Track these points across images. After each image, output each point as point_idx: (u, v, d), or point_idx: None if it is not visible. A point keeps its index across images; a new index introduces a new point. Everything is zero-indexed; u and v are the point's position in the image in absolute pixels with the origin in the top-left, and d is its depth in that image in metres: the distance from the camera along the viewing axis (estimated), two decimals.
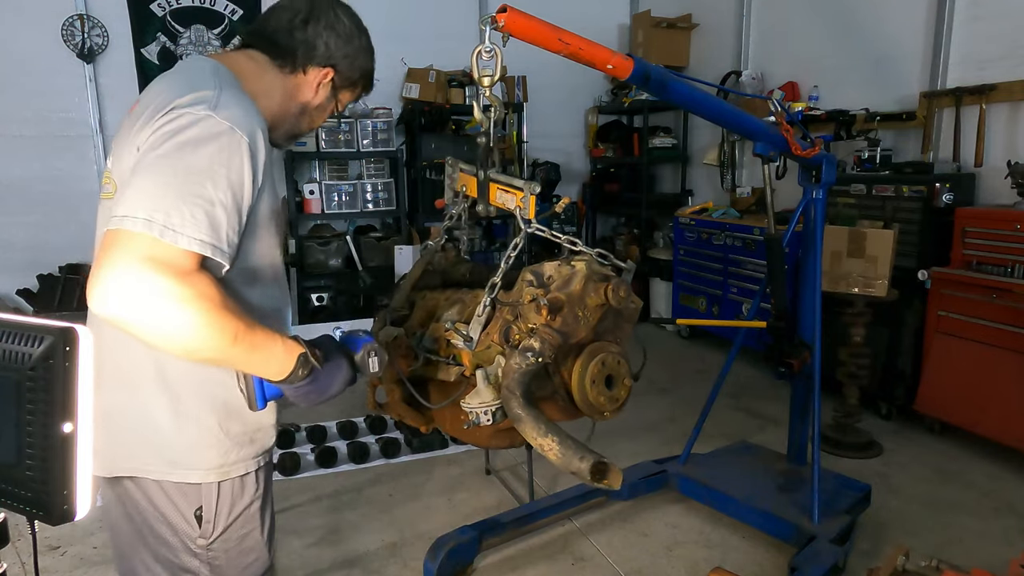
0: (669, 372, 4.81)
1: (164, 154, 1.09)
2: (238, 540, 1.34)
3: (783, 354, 2.79)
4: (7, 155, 5.02)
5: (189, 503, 1.28)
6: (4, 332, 0.96)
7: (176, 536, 1.29)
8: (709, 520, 2.94)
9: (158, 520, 1.29)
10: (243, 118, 1.16)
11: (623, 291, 1.36)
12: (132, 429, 1.25)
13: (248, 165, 1.15)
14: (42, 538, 2.77)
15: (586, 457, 1.20)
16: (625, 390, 1.40)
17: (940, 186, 3.69)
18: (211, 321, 1.06)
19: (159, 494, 1.28)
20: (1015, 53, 3.75)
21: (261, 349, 1.13)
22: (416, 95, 5.77)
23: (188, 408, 1.24)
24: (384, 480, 3.34)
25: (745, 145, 5.61)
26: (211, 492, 1.29)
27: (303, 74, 1.36)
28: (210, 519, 1.29)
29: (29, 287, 4.98)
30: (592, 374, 1.35)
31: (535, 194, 1.44)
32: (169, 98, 1.15)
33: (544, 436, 1.23)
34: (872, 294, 3.52)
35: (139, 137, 1.15)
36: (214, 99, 1.14)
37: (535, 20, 1.61)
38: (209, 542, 1.30)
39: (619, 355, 1.40)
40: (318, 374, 1.20)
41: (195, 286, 1.05)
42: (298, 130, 1.44)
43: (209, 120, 1.12)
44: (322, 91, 1.39)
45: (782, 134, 2.51)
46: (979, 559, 2.53)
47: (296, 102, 1.38)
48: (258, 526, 1.37)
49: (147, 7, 5.24)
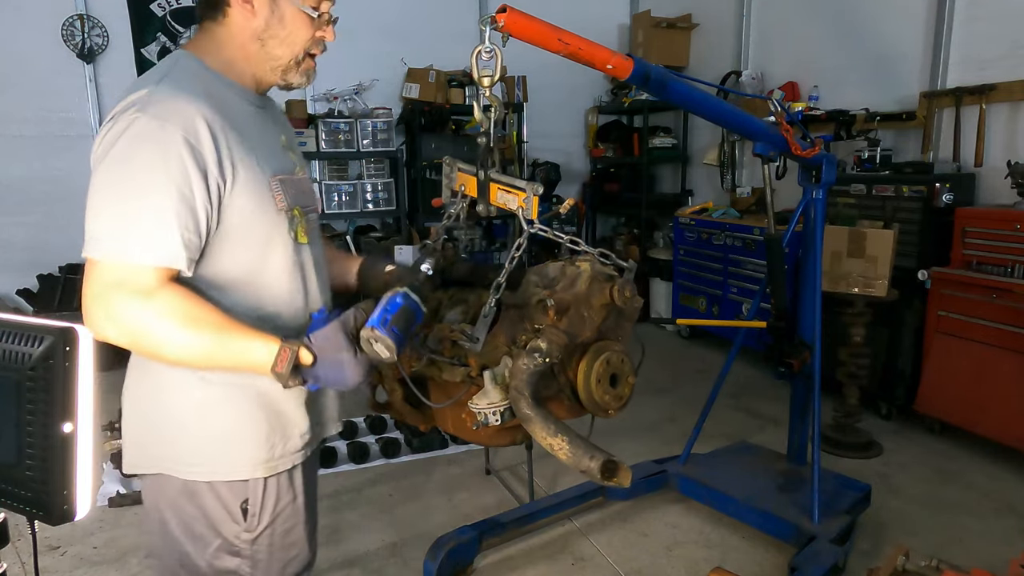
0: (669, 372, 4.81)
1: (105, 170, 1.10)
2: (282, 535, 1.32)
3: (783, 354, 2.79)
4: (7, 155, 5.02)
5: (235, 496, 1.26)
6: (4, 332, 0.96)
7: (217, 535, 1.27)
8: (709, 520, 2.94)
9: (197, 519, 1.26)
10: (175, 110, 1.11)
11: (628, 291, 1.37)
12: (180, 426, 1.24)
13: (190, 158, 1.10)
14: (42, 538, 2.77)
15: (596, 456, 1.20)
16: (629, 388, 1.41)
17: (940, 186, 3.69)
18: (175, 339, 1.09)
19: (206, 491, 1.25)
20: (1015, 53, 3.74)
21: (240, 359, 1.13)
22: (416, 95, 5.77)
23: (236, 404, 1.24)
24: (384, 480, 3.34)
25: (745, 145, 5.61)
26: (258, 486, 1.27)
27: (229, 7, 1.24)
28: (255, 512, 1.28)
29: (29, 287, 4.98)
30: (597, 373, 1.36)
31: (538, 195, 1.44)
32: (116, 107, 1.15)
33: (554, 436, 1.24)
34: (872, 294, 3.52)
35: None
36: (146, 97, 1.12)
37: (535, 20, 1.61)
38: (254, 536, 1.28)
39: (623, 353, 1.40)
40: (318, 375, 1.16)
41: (156, 305, 1.08)
42: (283, 60, 1.29)
43: (138, 122, 1.10)
44: (258, 4, 1.24)
45: (782, 134, 2.51)
46: (979, 559, 2.53)
47: (248, 38, 1.26)
48: (302, 520, 1.36)
49: (147, 7, 5.24)
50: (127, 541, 2.83)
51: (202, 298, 1.14)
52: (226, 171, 1.16)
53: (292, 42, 1.28)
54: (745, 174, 5.75)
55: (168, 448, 1.25)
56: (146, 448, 1.28)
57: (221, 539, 1.27)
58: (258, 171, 1.22)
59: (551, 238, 1.49)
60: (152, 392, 1.26)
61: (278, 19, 1.26)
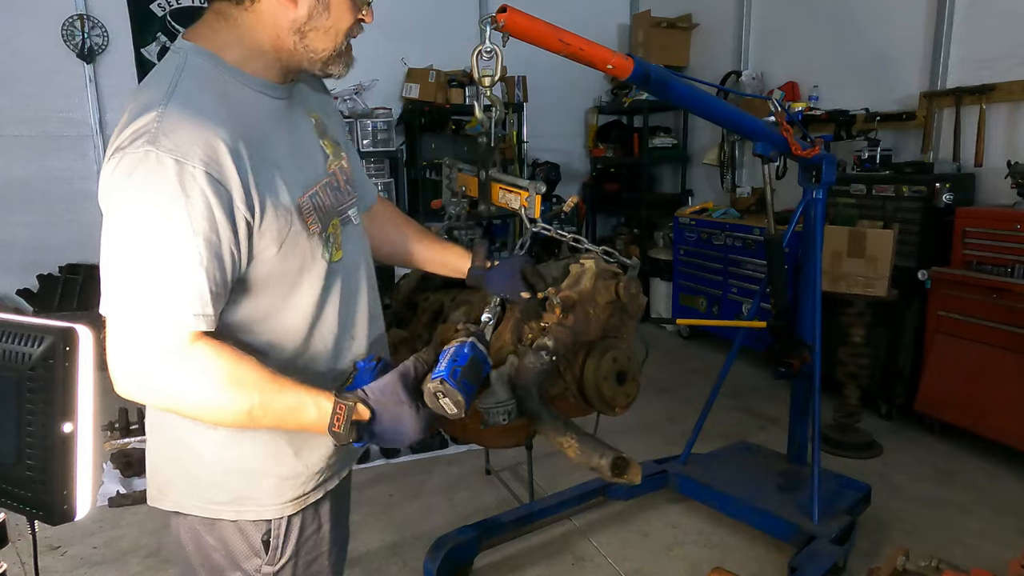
0: (669, 372, 4.81)
1: (119, 217, 0.97)
2: (305, 566, 1.24)
3: (783, 354, 2.79)
4: (7, 155, 5.03)
5: (257, 529, 1.18)
6: (4, 332, 0.96)
7: (237, 568, 1.19)
8: (709, 520, 2.94)
9: (216, 549, 1.19)
10: (192, 139, 0.97)
11: (634, 288, 1.38)
12: (204, 464, 1.15)
13: (214, 196, 0.97)
14: (42, 538, 2.77)
15: (606, 454, 1.19)
16: (635, 385, 1.42)
17: (940, 186, 3.69)
18: (214, 402, 1.00)
19: (230, 528, 1.18)
20: (1015, 53, 3.74)
21: (289, 418, 1.04)
22: (416, 95, 5.77)
23: (262, 440, 1.14)
24: (384, 480, 3.34)
25: (745, 145, 5.61)
26: (282, 521, 1.19)
27: None
28: (278, 546, 1.19)
29: (29, 287, 4.98)
30: (605, 370, 1.37)
31: (540, 193, 1.45)
32: (120, 127, 1.01)
33: (563, 435, 1.24)
34: (872, 294, 3.52)
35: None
36: (155, 124, 0.97)
37: (535, 20, 1.61)
38: (275, 570, 1.20)
39: (629, 351, 1.41)
40: (374, 432, 1.07)
41: (189, 367, 0.99)
42: (325, 53, 1.14)
43: (151, 158, 0.95)
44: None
45: (782, 134, 2.51)
46: (979, 559, 2.53)
47: (284, 30, 1.09)
48: (326, 550, 1.27)
49: (147, 7, 5.24)
50: (127, 541, 2.84)
51: (238, 351, 1.03)
52: (253, 203, 1.02)
53: (336, 31, 1.12)
54: (745, 174, 5.75)
55: (192, 486, 1.17)
56: (170, 484, 1.19)
57: (240, 572, 1.19)
58: (286, 199, 1.07)
59: (554, 237, 1.49)
60: (174, 428, 1.15)
61: (323, 7, 1.09)
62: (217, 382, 0.99)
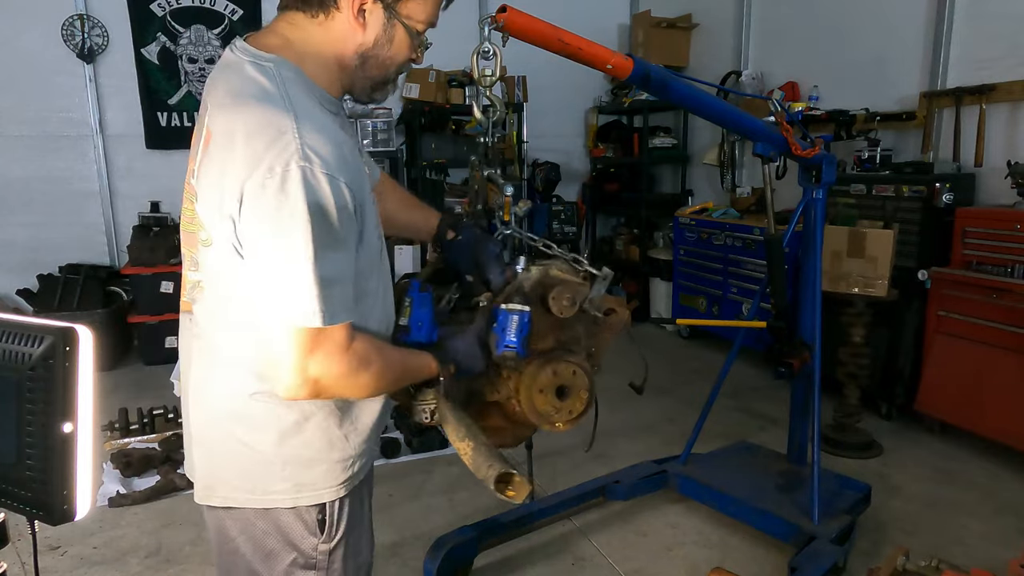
0: (669, 372, 4.81)
1: (284, 229, 1.00)
2: (354, 543, 1.31)
3: (783, 354, 2.79)
4: (7, 155, 5.03)
5: (311, 511, 1.23)
6: (4, 332, 0.96)
7: (293, 549, 1.23)
8: (709, 520, 2.94)
9: (270, 534, 1.22)
10: (334, 153, 1.04)
11: (565, 299, 1.32)
12: (259, 461, 1.19)
13: (352, 205, 1.06)
14: (42, 538, 2.78)
15: (494, 466, 1.18)
16: (580, 402, 1.36)
17: (940, 186, 3.69)
18: (378, 380, 1.16)
19: (285, 514, 1.22)
20: (1015, 53, 3.74)
21: (414, 374, 1.26)
22: (416, 95, 5.78)
23: (317, 426, 1.19)
24: (384, 480, 3.34)
25: (745, 145, 5.61)
26: (335, 502, 1.25)
27: (337, 11, 1.12)
28: (333, 523, 1.25)
29: (29, 287, 4.98)
30: (541, 382, 1.33)
31: (508, 195, 1.45)
32: (251, 146, 1.02)
33: (462, 440, 1.24)
34: (872, 294, 3.52)
35: (228, 185, 1.03)
36: (297, 140, 1.01)
37: (535, 20, 1.61)
38: (331, 547, 1.25)
39: (576, 365, 1.36)
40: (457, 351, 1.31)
41: (357, 358, 1.10)
42: (376, 80, 1.22)
43: (308, 175, 1.00)
44: (372, 20, 1.14)
45: (782, 134, 2.51)
46: (979, 559, 2.53)
47: (350, 51, 1.15)
48: (368, 526, 1.36)
49: (147, 7, 5.24)
50: (127, 541, 2.84)
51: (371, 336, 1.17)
52: (361, 203, 1.11)
53: (391, 64, 1.20)
54: (745, 174, 5.75)
55: (246, 480, 1.20)
56: (221, 481, 1.22)
57: (297, 553, 1.23)
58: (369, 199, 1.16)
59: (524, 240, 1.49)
60: (228, 427, 1.19)
61: (388, 39, 1.17)
62: (378, 367, 1.14)
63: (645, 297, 6.13)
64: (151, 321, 4.92)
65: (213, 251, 1.11)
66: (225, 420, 1.19)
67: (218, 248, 1.09)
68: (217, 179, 1.05)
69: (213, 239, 1.10)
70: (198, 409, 1.23)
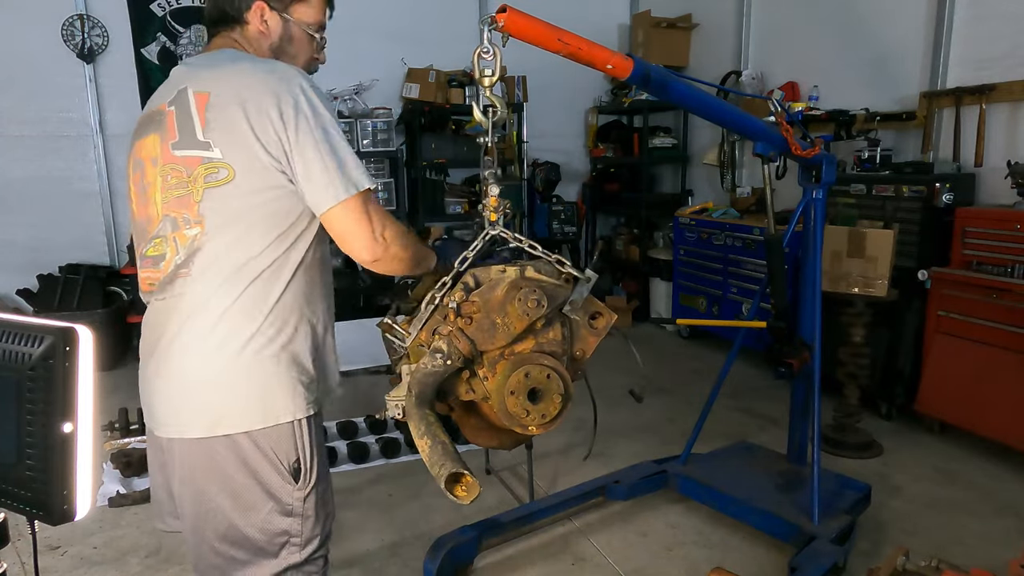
0: (669, 372, 4.81)
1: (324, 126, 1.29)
2: (322, 492, 1.44)
3: (783, 354, 2.79)
4: (7, 155, 5.03)
5: (286, 456, 1.36)
6: (4, 332, 0.96)
7: (271, 498, 1.36)
8: (709, 520, 2.94)
9: (249, 488, 1.35)
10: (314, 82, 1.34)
11: (531, 301, 1.30)
12: (220, 387, 1.32)
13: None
14: (42, 538, 2.78)
15: (446, 465, 1.19)
16: (554, 406, 1.35)
17: (940, 186, 3.69)
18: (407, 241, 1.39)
19: (258, 457, 1.34)
20: (1015, 53, 3.74)
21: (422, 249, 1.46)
22: (416, 95, 5.78)
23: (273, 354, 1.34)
24: (384, 480, 3.34)
25: (745, 145, 5.61)
26: (304, 436, 1.38)
27: (247, 23, 1.43)
28: (306, 470, 1.39)
29: (29, 287, 4.98)
30: (512, 384, 1.32)
31: (494, 195, 1.45)
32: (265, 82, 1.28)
33: (421, 437, 1.26)
34: (872, 294, 3.52)
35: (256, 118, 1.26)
36: (295, 70, 1.33)
37: (535, 20, 1.61)
38: (306, 494, 1.39)
39: (551, 369, 1.34)
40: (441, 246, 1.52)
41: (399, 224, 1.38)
42: None
43: (317, 92, 1.31)
44: (272, 24, 1.44)
45: (782, 134, 2.51)
46: (979, 559, 2.53)
47: (266, 51, 1.45)
48: (328, 478, 1.49)
49: (147, 7, 5.24)
50: (127, 541, 2.84)
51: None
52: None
53: (298, 60, 1.47)
54: (745, 174, 5.75)
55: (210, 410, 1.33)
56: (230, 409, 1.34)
57: (274, 502, 1.36)
58: None
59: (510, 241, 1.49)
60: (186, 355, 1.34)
61: (287, 37, 1.47)
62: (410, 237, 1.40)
63: (645, 297, 6.13)
64: None
65: (234, 185, 1.28)
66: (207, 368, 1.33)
67: (242, 179, 1.28)
68: (241, 120, 1.26)
69: (237, 172, 1.28)
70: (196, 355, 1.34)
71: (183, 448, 1.36)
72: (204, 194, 1.29)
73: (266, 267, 1.32)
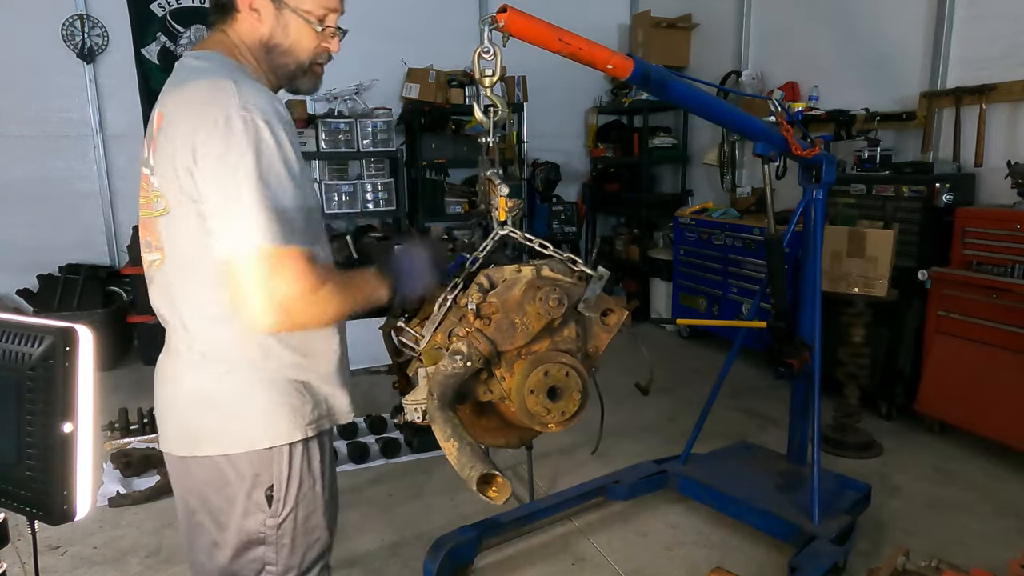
0: (669, 372, 4.81)
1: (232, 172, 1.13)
2: (304, 520, 1.37)
3: (783, 354, 2.79)
4: (7, 155, 5.03)
5: (261, 482, 1.31)
6: (4, 332, 0.96)
7: (243, 525, 1.33)
8: (709, 520, 2.94)
9: (222, 510, 1.33)
10: (271, 105, 1.18)
11: (552, 300, 1.30)
12: (198, 408, 1.29)
13: (288, 145, 1.19)
14: (42, 538, 2.78)
15: (476, 467, 1.18)
16: (573, 404, 1.36)
17: (940, 186, 3.69)
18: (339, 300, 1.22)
19: (233, 479, 1.31)
20: (1015, 53, 3.74)
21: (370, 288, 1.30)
22: (416, 95, 5.77)
23: (262, 376, 1.28)
24: (384, 480, 3.34)
25: (745, 145, 5.61)
26: (282, 472, 1.32)
27: (237, 12, 1.30)
28: (280, 498, 1.33)
29: (29, 287, 4.98)
30: (532, 383, 1.33)
31: (503, 195, 1.45)
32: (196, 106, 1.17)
33: (447, 440, 1.24)
34: (872, 294, 3.52)
35: (179, 145, 1.16)
36: (236, 95, 1.15)
37: (535, 20, 1.61)
38: (279, 522, 1.34)
39: (569, 366, 1.35)
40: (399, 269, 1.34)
41: (320, 278, 1.18)
42: (288, 68, 1.36)
43: (255, 119, 1.15)
44: (264, 14, 1.29)
45: (782, 134, 2.51)
46: (979, 559, 2.53)
47: (256, 44, 1.32)
48: (321, 506, 1.41)
49: (147, 7, 5.24)
50: (127, 541, 2.84)
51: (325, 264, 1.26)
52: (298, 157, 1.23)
53: (297, 52, 1.33)
54: (745, 174, 5.75)
55: (189, 430, 1.31)
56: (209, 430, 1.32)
57: (246, 529, 1.33)
58: (307, 169, 1.28)
59: (520, 240, 1.48)
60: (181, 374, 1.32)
61: (282, 28, 1.30)
62: (336, 281, 1.21)
63: (645, 297, 6.13)
64: (151, 321, 4.89)
65: (169, 219, 1.23)
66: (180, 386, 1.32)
67: (176, 212, 1.21)
68: (170, 146, 1.18)
69: (171, 205, 1.21)
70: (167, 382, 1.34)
71: (171, 462, 1.38)
72: (157, 221, 1.26)
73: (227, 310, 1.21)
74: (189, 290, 1.26)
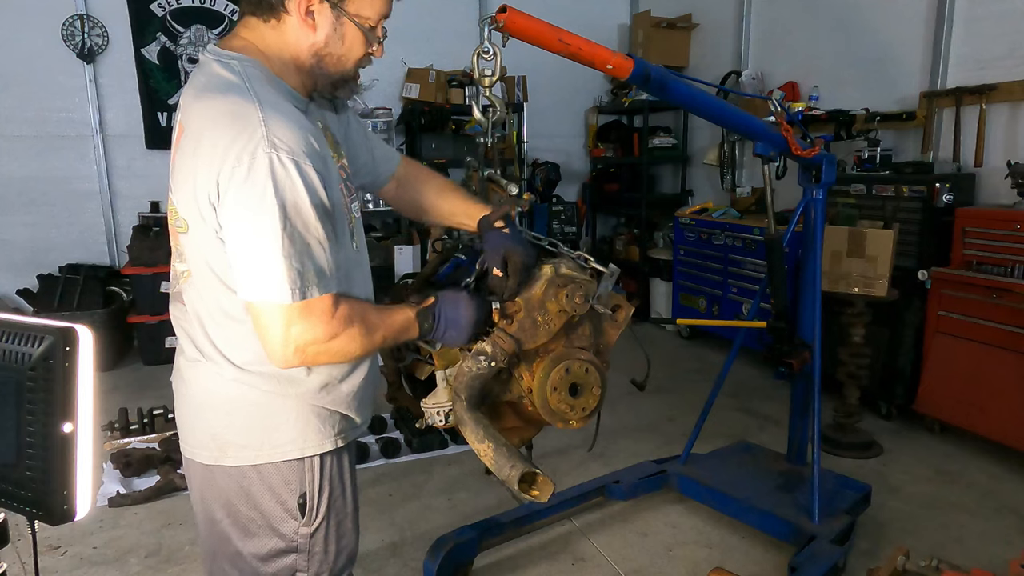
0: (669, 372, 4.81)
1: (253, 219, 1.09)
2: (335, 527, 1.37)
3: (783, 354, 2.79)
4: (7, 155, 5.03)
5: (292, 491, 1.30)
6: (4, 332, 0.96)
7: (275, 533, 1.31)
8: (709, 520, 2.94)
9: (253, 520, 1.31)
10: (300, 140, 1.11)
11: (578, 297, 1.32)
12: (223, 416, 1.27)
13: (318, 183, 1.13)
14: (42, 538, 2.77)
15: (517, 466, 1.20)
16: (593, 399, 1.38)
17: (940, 186, 3.69)
18: (364, 341, 1.20)
19: (262, 490, 1.29)
20: (1015, 53, 3.74)
21: (400, 330, 1.26)
22: (416, 95, 5.78)
23: (287, 387, 1.27)
24: (384, 480, 3.34)
25: (745, 145, 5.61)
26: (315, 471, 1.31)
27: (287, 14, 1.19)
28: (313, 507, 1.33)
29: (29, 287, 4.98)
30: (554, 381, 1.34)
31: (514, 195, 1.45)
32: (220, 136, 1.10)
33: (481, 441, 1.25)
34: (872, 294, 3.52)
35: (201, 175, 1.12)
36: (263, 129, 1.08)
37: (535, 20, 1.61)
38: (311, 530, 1.34)
39: (588, 363, 1.37)
40: (441, 318, 1.29)
41: (341, 323, 1.16)
42: (334, 77, 1.29)
43: (277, 159, 1.08)
44: (320, 20, 1.20)
45: (782, 134, 2.51)
46: (979, 559, 2.53)
47: (304, 51, 1.22)
48: (351, 513, 1.41)
49: (147, 7, 5.24)
50: (127, 541, 2.84)
51: (356, 299, 1.24)
52: (330, 194, 1.17)
53: (347, 60, 1.27)
54: (745, 174, 5.75)
55: (215, 438, 1.29)
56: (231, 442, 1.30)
57: (278, 536, 1.32)
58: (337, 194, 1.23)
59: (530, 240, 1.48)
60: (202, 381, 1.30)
61: (339, 37, 1.23)
62: (361, 329, 1.19)
63: (645, 297, 6.13)
64: (151, 321, 4.92)
65: (189, 237, 1.21)
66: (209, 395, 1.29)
67: (194, 234, 1.19)
68: (190, 171, 1.14)
69: (189, 225, 1.19)
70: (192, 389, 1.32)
71: (194, 469, 1.35)
72: (179, 236, 1.25)
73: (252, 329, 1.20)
74: (215, 308, 1.24)
